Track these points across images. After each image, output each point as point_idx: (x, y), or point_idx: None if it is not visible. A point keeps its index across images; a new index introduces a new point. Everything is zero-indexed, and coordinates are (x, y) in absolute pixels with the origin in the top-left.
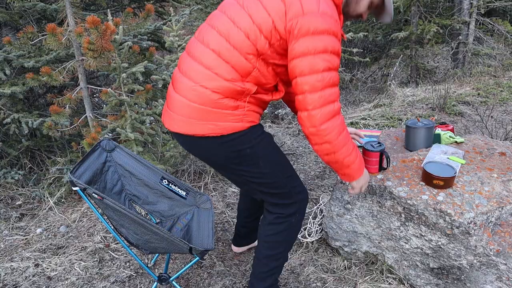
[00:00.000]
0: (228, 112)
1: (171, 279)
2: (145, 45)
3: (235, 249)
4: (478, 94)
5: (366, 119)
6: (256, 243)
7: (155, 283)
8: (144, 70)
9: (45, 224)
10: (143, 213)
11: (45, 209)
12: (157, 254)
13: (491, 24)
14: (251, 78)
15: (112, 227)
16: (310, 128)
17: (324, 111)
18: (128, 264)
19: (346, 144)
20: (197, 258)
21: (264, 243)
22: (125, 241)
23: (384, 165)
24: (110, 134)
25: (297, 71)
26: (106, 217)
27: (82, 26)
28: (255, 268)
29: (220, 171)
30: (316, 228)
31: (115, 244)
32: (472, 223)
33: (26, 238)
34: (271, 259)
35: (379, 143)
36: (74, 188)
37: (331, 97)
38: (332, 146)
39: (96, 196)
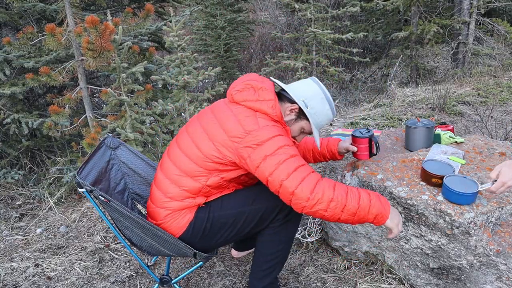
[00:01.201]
0: (175, 215)
1: (172, 281)
2: (145, 46)
3: (235, 253)
4: (478, 94)
5: (366, 119)
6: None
7: (156, 284)
8: (144, 70)
9: (45, 224)
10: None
11: (45, 209)
12: None
13: (491, 24)
14: (202, 194)
15: (116, 228)
16: (306, 203)
17: (304, 184)
18: (128, 264)
19: (347, 191)
20: (201, 262)
21: (264, 242)
22: (128, 242)
23: (374, 151)
24: (110, 134)
25: (266, 173)
26: (109, 217)
27: (81, 26)
28: (254, 267)
29: (209, 251)
30: (316, 228)
31: (115, 244)
32: (472, 223)
33: (26, 238)
34: (272, 256)
35: (367, 129)
36: (80, 190)
37: (303, 173)
38: (337, 201)
39: (103, 198)
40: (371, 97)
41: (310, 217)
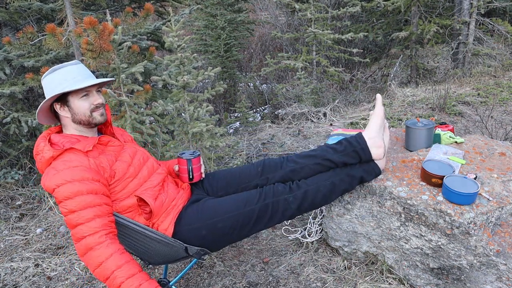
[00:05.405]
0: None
1: (170, 283)
2: (144, 45)
3: None
4: (478, 94)
5: (366, 119)
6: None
7: None
8: (143, 70)
9: (45, 224)
10: None
11: (45, 209)
12: None
13: (491, 24)
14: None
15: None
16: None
17: (78, 247)
18: None
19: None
20: (195, 259)
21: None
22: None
23: (190, 175)
24: None
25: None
26: None
27: (81, 26)
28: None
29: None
30: (316, 228)
31: None
32: (472, 223)
33: (26, 238)
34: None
35: (194, 151)
36: None
37: (78, 234)
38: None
39: None
40: (371, 97)
41: (310, 217)
